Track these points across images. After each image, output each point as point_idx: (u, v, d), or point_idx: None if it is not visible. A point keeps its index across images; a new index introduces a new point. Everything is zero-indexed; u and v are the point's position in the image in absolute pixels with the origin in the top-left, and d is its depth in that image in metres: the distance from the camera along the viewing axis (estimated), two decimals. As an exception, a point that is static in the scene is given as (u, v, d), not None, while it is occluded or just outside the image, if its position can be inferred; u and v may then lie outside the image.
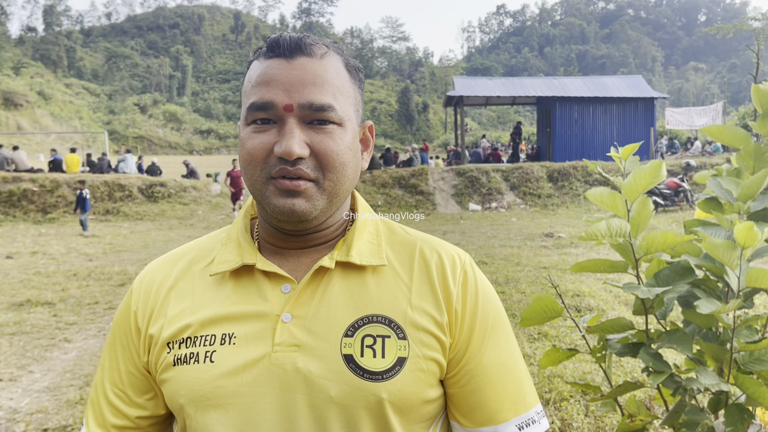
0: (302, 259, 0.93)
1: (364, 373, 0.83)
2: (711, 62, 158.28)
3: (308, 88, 0.84)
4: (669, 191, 16.21)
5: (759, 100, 1.97)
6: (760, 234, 1.58)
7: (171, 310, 0.92)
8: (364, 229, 0.96)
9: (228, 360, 0.85)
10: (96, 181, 18.78)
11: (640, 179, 1.80)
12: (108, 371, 0.96)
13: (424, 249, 0.96)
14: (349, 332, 0.86)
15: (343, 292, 0.89)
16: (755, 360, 1.76)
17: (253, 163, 0.85)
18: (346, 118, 0.87)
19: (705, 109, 24.69)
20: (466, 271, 0.95)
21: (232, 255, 0.93)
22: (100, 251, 11.54)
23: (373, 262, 0.91)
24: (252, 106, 0.85)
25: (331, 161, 0.85)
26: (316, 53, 0.86)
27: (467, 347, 0.90)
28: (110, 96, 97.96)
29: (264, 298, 0.89)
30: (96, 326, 6.15)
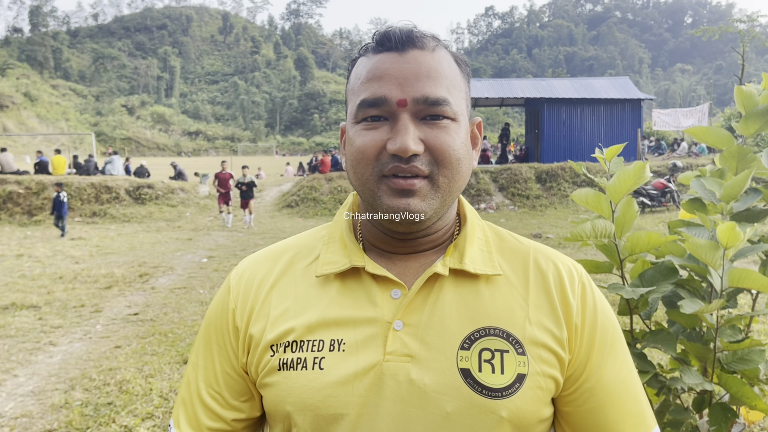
0: (410, 263, 0.89)
1: (483, 389, 0.79)
2: (697, 64, 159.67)
3: (422, 81, 0.80)
4: (656, 192, 16.33)
5: (742, 102, 1.98)
6: (743, 234, 1.59)
7: (273, 311, 0.88)
8: (473, 234, 0.91)
9: (338, 368, 0.81)
10: (83, 183, 18.64)
11: (624, 180, 1.80)
12: (202, 371, 0.92)
13: (539, 258, 0.91)
14: (465, 345, 0.81)
15: (455, 301, 0.84)
16: (738, 359, 1.78)
17: (364, 161, 0.81)
18: (460, 113, 0.84)
19: (691, 110, 24.87)
20: (584, 283, 0.90)
21: (337, 256, 0.89)
22: (86, 254, 11.44)
23: (487, 271, 0.87)
24: (363, 102, 0.81)
25: (447, 157, 0.80)
26: (428, 46, 0.83)
27: (586, 364, 0.85)
28: (97, 97, 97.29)
29: (373, 303, 0.84)
30: (82, 329, 6.10)
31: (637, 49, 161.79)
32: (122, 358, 5.11)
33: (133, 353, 5.23)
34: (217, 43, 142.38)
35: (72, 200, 17.92)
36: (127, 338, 5.72)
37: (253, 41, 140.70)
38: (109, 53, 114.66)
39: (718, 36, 22.11)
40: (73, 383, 4.58)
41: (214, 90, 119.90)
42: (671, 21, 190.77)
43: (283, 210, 19.56)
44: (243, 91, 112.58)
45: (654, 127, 26.42)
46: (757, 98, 1.96)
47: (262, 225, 16.36)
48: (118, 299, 7.47)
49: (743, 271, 1.63)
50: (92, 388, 4.46)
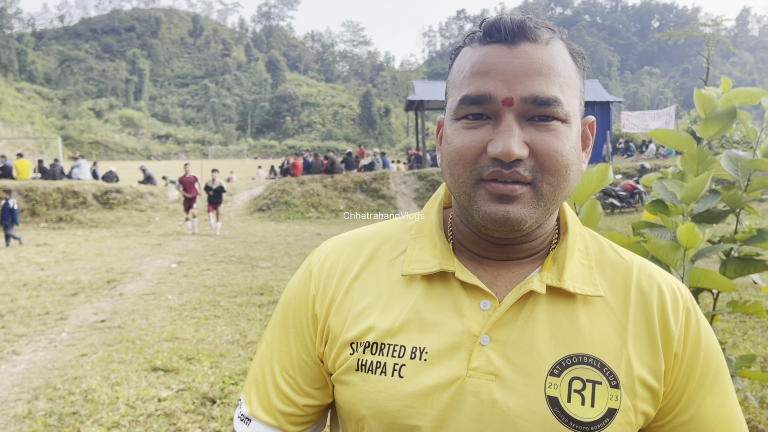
0: (502, 271, 0.83)
1: (570, 421, 0.74)
2: (664, 67, 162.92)
3: (532, 78, 0.73)
4: (625, 193, 16.61)
5: (701, 105, 2.01)
6: (702, 235, 1.61)
7: (355, 306, 0.84)
8: (574, 246, 0.84)
9: (419, 378, 0.77)
10: (48, 187, 18.25)
11: (587, 183, 1.82)
12: (278, 353, 0.88)
13: (641, 279, 0.83)
14: (556, 371, 0.76)
15: (549, 321, 0.78)
16: (700, 358, 1.80)
17: (461, 162, 0.75)
18: (572, 114, 0.76)
19: (659, 112, 25.33)
20: (688, 308, 0.82)
21: (426, 255, 0.84)
22: (52, 260, 11.20)
23: (587, 291, 0.80)
24: (465, 99, 0.75)
25: (555, 163, 0.73)
26: (542, 38, 0.75)
27: (682, 396, 0.80)
28: (64, 100, 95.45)
29: (460, 312, 0.79)
30: (46, 338, 5.96)
31: (606, 53, 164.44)
32: (88, 366, 5.00)
33: (100, 361, 5.12)
34: (187, 46, 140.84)
35: (37, 205, 17.55)
36: (93, 346, 5.61)
37: (224, 44, 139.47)
38: (75, 55, 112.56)
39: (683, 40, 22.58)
40: (37, 393, 4.46)
41: (184, 93, 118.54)
42: (639, 25, 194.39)
43: (255, 214, 19.40)
44: (214, 93, 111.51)
45: (623, 129, 26.83)
46: (716, 102, 1.99)
47: (233, 229, 16.21)
48: (85, 306, 7.32)
49: (703, 271, 1.66)
50: (56, 397, 4.36)
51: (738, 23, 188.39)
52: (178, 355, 5.16)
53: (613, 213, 16.48)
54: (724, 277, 1.64)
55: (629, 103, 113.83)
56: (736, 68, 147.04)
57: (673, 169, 2.13)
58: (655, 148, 27.73)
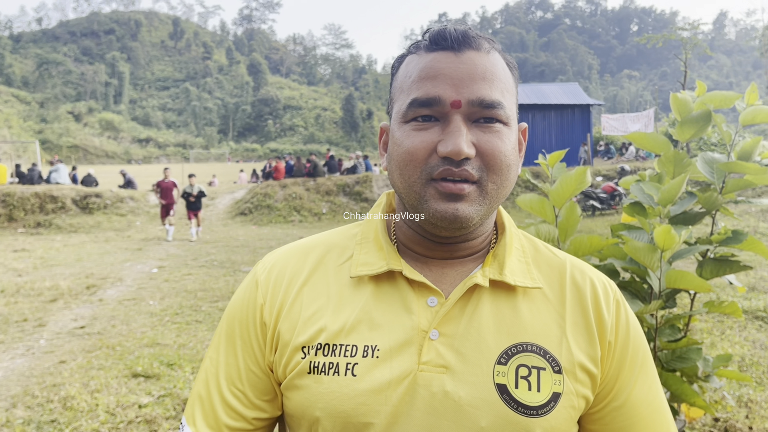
0: (446, 270, 0.86)
1: (519, 406, 0.77)
2: (643, 70, 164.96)
3: (478, 83, 0.77)
4: (605, 195, 16.76)
5: (677, 109, 2.04)
6: (678, 237, 1.63)
7: (305, 310, 0.85)
8: (512, 244, 0.89)
9: (372, 375, 0.79)
10: (26, 192, 17.99)
11: (566, 186, 1.84)
12: (224, 367, 0.88)
13: (575, 273, 0.89)
14: (503, 359, 0.79)
15: (493, 314, 0.82)
16: (677, 358, 1.82)
17: (412, 162, 0.78)
18: (512, 117, 0.81)
19: (638, 115, 25.63)
20: (618, 300, 0.89)
21: (373, 257, 0.86)
22: (30, 266, 11.03)
23: (527, 283, 0.85)
24: (415, 101, 0.78)
25: (498, 162, 0.78)
26: (484, 47, 0.80)
27: (615, 382, 0.85)
28: (42, 104, 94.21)
29: (408, 309, 0.82)
30: (24, 345, 5.87)
31: (587, 56, 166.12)
32: (67, 373, 4.93)
33: (79, 368, 5.06)
34: (168, 49, 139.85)
35: (15, 210, 17.28)
36: (72, 353, 5.53)
37: (205, 47, 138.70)
38: (54, 58, 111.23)
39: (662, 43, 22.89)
40: (15, 400, 4.39)
41: (165, 96, 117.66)
42: (618, 28, 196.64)
43: (237, 218, 19.29)
44: (195, 97, 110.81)
45: (603, 131, 27.11)
46: (691, 105, 2.02)
47: (214, 233, 16.09)
48: (64, 312, 7.22)
49: (679, 272, 1.68)
50: (35, 405, 4.29)
51: (715, 27, 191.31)
52: (159, 360, 5.11)
53: (594, 215, 16.63)
54: (701, 278, 1.66)
55: (609, 105, 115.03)
56: (714, 71, 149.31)
57: (651, 172, 2.16)
58: (634, 150, 28.04)
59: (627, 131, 25.02)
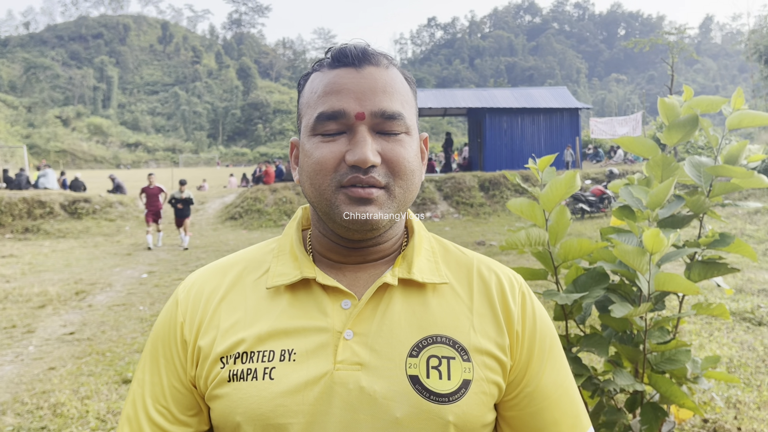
0: (359, 274, 0.91)
1: (431, 395, 0.81)
2: (631, 74, 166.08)
3: (379, 96, 0.83)
4: (594, 198, 16.86)
5: (665, 113, 2.07)
6: (666, 240, 1.66)
7: (223, 323, 0.88)
8: (420, 245, 0.94)
9: (288, 377, 0.82)
10: (14, 197, 17.83)
11: (556, 190, 1.85)
12: (149, 386, 0.91)
13: (482, 268, 0.95)
14: (414, 352, 0.84)
15: (404, 310, 0.87)
16: (666, 360, 1.84)
17: (322, 171, 0.83)
18: (413, 127, 0.88)
19: (626, 118, 25.83)
20: (523, 292, 0.94)
21: (288, 268, 0.91)
22: (18, 272, 10.94)
23: (434, 280, 0.90)
24: (321, 115, 0.83)
25: (403, 168, 0.84)
26: (382, 63, 0.86)
27: (526, 370, 0.90)
28: (29, 108, 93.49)
29: (323, 313, 0.86)
30: (13, 351, 5.82)
31: (575, 60, 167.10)
32: (56, 380, 4.90)
33: (69, 374, 5.03)
34: (157, 53, 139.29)
35: (2, 216, 17.14)
36: (61, 359, 5.50)
37: (194, 51, 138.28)
38: (41, 63, 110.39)
39: (648, 48, 23.07)
40: (4, 408, 4.36)
41: (154, 100, 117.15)
42: (606, 33, 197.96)
43: (227, 222, 19.23)
44: (184, 101, 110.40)
45: (592, 135, 27.30)
46: (678, 110, 2.05)
47: (204, 238, 16.03)
48: (53, 318, 7.17)
49: (668, 275, 1.70)
50: (24, 412, 4.26)
51: (701, 31, 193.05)
52: (149, 366, 5.09)
53: (583, 218, 16.71)
54: (689, 281, 1.68)
55: (597, 109, 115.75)
56: (700, 75, 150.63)
57: (639, 176, 2.18)
58: (623, 153, 28.22)
59: (615, 134, 25.19)
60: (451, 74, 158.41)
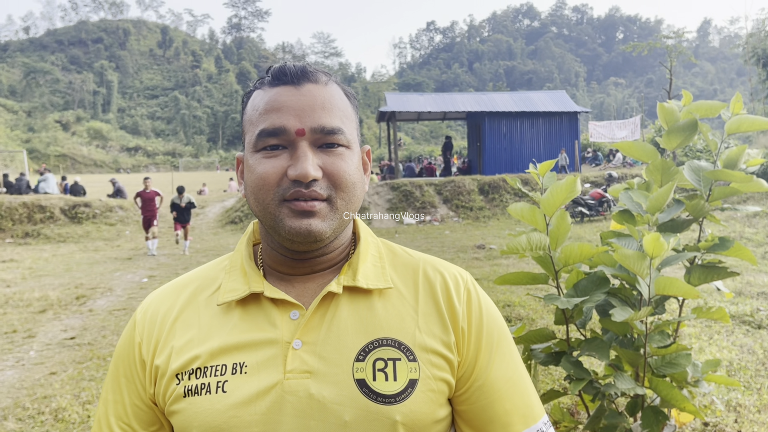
0: (308, 284, 0.94)
1: (377, 396, 0.84)
2: (629, 77, 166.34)
3: (318, 112, 0.86)
4: (594, 202, 16.87)
5: (664, 118, 2.09)
6: (666, 244, 1.67)
7: (177, 341, 0.91)
8: (367, 252, 0.97)
9: (240, 389, 0.84)
10: (14, 202, 17.85)
11: (556, 194, 1.87)
12: (112, 405, 0.95)
13: (427, 270, 0.97)
14: (360, 356, 0.86)
15: (351, 317, 0.90)
16: (667, 363, 1.85)
17: (265, 187, 0.86)
18: (353, 141, 0.90)
19: (625, 122, 25.89)
20: (469, 289, 0.96)
21: (238, 283, 0.93)
22: (18, 276, 10.95)
23: (379, 285, 0.92)
24: (263, 132, 0.86)
25: (344, 181, 0.87)
26: (321, 80, 0.89)
27: (475, 364, 0.92)
28: (29, 113, 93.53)
29: (273, 325, 0.88)
30: (14, 356, 5.83)
31: (573, 64, 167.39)
32: (58, 384, 4.90)
33: (70, 379, 5.03)
34: (156, 57, 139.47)
35: (2, 220, 17.15)
36: (62, 364, 5.50)
37: (194, 55, 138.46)
38: (41, 67, 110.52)
39: (647, 51, 23.13)
40: (5, 413, 4.36)
41: (154, 105, 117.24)
42: (604, 36, 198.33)
43: (227, 226, 19.24)
44: (184, 105, 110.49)
45: (591, 138, 27.35)
46: (678, 114, 2.06)
47: (205, 242, 16.04)
48: (53, 323, 7.18)
49: (668, 279, 1.71)
50: (26, 417, 4.26)
51: (699, 34, 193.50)
52: (150, 371, 5.09)
53: (583, 221, 16.72)
54: (689, 285, 1.70)
55: (596, 113, 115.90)
56: (698, 78, 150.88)
57: (639, 180, 2.20)
58: (622, 156, 28.26)
59: (614, 138, 25.23)
60: (450, 78, 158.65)
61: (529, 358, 2.06)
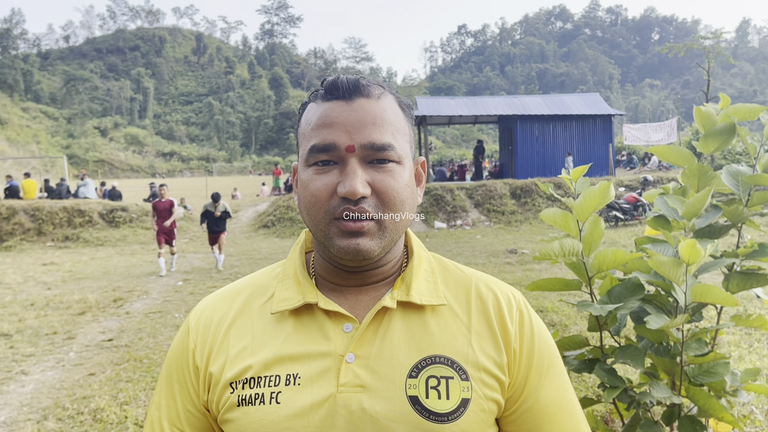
0: (360, 296, 0.94)
1: (430, 414, 0.84)
2: (665, 79, 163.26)
3: (368, 128, 0.86)
4: (628, 206, 16.60)
5: (701, 121, 2.05)
6: (703, 251, 1.64)
7: (232, 349, 0.92)
8: (420, 267, 0.97)
9: (294, 401, 0.85)
10: (54, 207, 18.34)
11: (589, 200, 1.85)
12: (165, 410, 0.96)
13: (480, 287, 0.98)
14: (413, 373, 0.87)
15: (404, 332, 0.90)
16: (704, 372, 1.82)
17: (317, 204, 0.87)
18: (404, 156, 0.90)
19: (660, 125, 25.41)
20: (521, 310, 0.96)
21: (291, 293, 0.94)
22: (58, 279, 11.24)
23: (432, 301, 0.93)
24: (314, 148, 0.87)
25: (392, 199, 0.87)
26: (374, 94, 0.89)
27: (525, 386, 0.92)
28: (69, 119, 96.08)
29: (326, 337, 0.89)
30: (55, 357, 5.99)
31: (607, 66, 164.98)
32: (96, 385, 5.02)
33: (108, 380, 5.14)
34: (191, 64, 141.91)
35: (43, 224, 17.64)
36: (101, 365, 5.63)
37: (227, 61, 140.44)
38: (80, 75, 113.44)
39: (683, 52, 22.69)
40: (46, 413, 4.48)
41: (189, 110, 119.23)
42: (639, 38, 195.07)
43: (260, 230, 19.44)
44: (217, 111, 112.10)
45: (625, 141, 26.91)
46: (715, 118, 2.02)
47: (238, 246, 16.24)
48: (92, 325, 7.35)
49: (705, 286, 1.68)
50: (65, 417, 4.38)
51: (738, 35, 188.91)
52: (185, 373, 5.18)
53: (617, 226, 16.46)
54: (727, 292, 1.66)
55: (631, 115, 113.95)
56: (737, 80, 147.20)
57: (674, 185, 2.16)
58: (657, 160, 27.75)
59: (649, 141, 24.78)
60: (481, 81, 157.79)
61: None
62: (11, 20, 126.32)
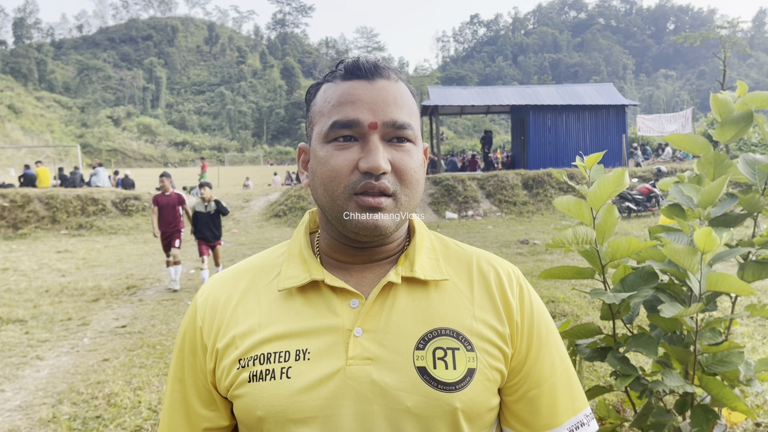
0: (366, 273, 0.97)
1: (438, 384, 0.87)
2: (680, 69, 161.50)
3: (390, 107, 0.89)
4: (641, 197, 16.47)
5: (717, 109, 2.03)
6: (719, 239, 1.63)
7: (239, 327, 0.94)
8: (422, 244, 1.00)
9: (304, 375, 0.88)
10: (68, 195, 18.49)
11: (604, 188, 1.84)
12: (177, 383, 1.00)
13: (481, 263, 1.01)
14: (420, 345, 0.89)
15: (409, 306, 0.93)
16: (718, 362, 1.81)
17: (336, 179, 0.88)
18: (418, 138, 0.94)
19: (675, 115, 25.13)
20: (521, 284, 1.00)
21: (298, 270, 0.96)
22: (72, 266, 11.35)
23: (435, 276, 0.96)
24: (336, 123, 0.88)
25: (409, 177, 0.90)
26: (392, 77, 0.93)
27: (526, 357, 0.96)
28: (82, 109, 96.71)
29: (334, 312, 0.92)
30: (69, 343, 6.06)
31: (621, 56, 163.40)
32: (110, 371, 5.08)
33: (121, 366, 5.20)
34: (203, 54, 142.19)
35: (58, 212, 17.80)
36: (114, 351, 5.69)
37: (239, 51, 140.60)
38: (94, 64, 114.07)
39: (699, 42, 22.42)
40: (61, 397, 4.54)
41: (201, 100, 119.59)
42: (654, 27, 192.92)
43: (271, 220, 19.51)
44: (229, 100, 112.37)
45: (638, 132, 26.65)
46: (732, 106, 2.00)
47: (249, 235, 16.31)
48: (106, 312, 7.42)
49: (720, 275, 1.67)
50: (80, 401, 4.43)
51: (755, 24, 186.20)
52: (198, 359, 5.22)
53: (630, 217, 16.36)
54: (742, 281, 1.65)
55: (645, 106, 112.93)
56: (753, 70, 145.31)
57: (690, 173, 2.14)
58: (671, 151, 27.50)
59: (663, 132, 24.54)
60: (494, 71, 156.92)
61: (574, 353, 2.04)
62: (25, 9, 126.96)
